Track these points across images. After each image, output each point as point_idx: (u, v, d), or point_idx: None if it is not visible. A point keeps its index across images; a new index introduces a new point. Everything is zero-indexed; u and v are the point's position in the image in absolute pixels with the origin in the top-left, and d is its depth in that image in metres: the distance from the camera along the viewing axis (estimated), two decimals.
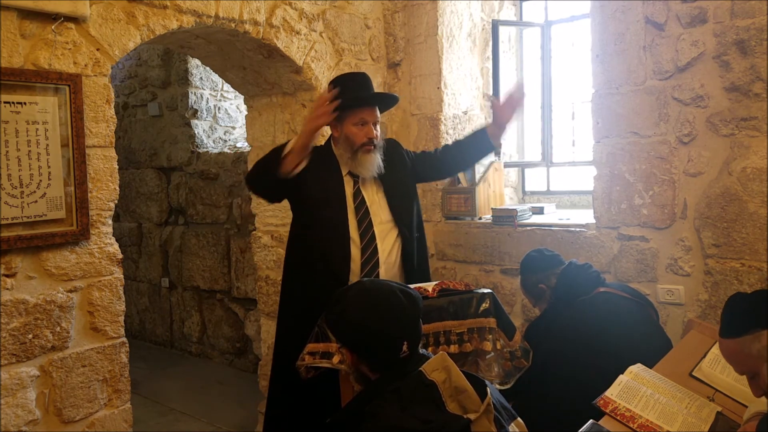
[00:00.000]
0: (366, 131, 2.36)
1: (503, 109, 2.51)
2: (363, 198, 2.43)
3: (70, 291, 2.16)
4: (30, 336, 2.05)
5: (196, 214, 4.91)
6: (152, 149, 5.25)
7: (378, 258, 2.39)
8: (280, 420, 2.47)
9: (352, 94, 2.37)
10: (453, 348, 2.14)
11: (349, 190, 2.43)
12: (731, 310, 1.55)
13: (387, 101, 2.61)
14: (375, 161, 2.39)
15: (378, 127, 2.41)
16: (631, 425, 1.67)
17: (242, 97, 3.58)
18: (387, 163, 2.46)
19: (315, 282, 2.35)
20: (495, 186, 3.58)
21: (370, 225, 2.40)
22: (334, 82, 2.47)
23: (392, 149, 2.56)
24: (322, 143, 2.55)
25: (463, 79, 3.64)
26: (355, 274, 2.35)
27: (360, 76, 2.51)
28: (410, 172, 2.58)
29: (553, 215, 3.44)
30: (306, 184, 2.38)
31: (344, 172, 2.43)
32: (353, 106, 2.36)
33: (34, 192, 2.05)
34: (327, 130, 2.54)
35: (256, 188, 2.53)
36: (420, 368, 1.49)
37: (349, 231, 2.37)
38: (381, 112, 2.50)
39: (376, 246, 2.39)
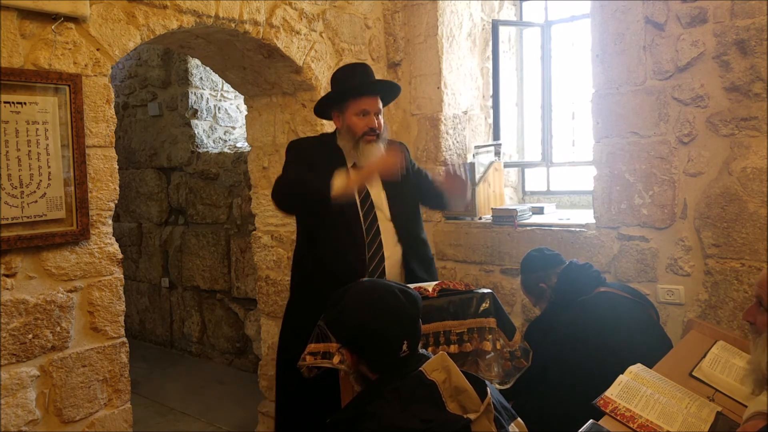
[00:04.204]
0: (367, 121, 2.34)
1: (448, 182, 2.45)
2: (367, 191, 2.41)
3: (70, 291, 2.16)
4: (30, 336, 2.05)
5: (196, 214, 4.91)
6: (152, 149, 5.25)
7: (383, 253, 2.38)
8: (290, 419, 2.47)
9: (353, 83, 2.36)
10: (453, 348, 2.14)
11: None
12: None
13: (388, 90, 2.53)
14: (378, 151, 2.36)
15: (381, 117, 2.39)
16: (631, 425, 1.67)
17: (242, 97, 3.58)
18: None
19: (323, 278, 2.34)
20: (495, 186, 3.58)
21: (375, 220, 2.39)
22: (335, 74, 2.47)
23: (398, 150, 2.54)
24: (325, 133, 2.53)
25: (463, 79, 3.64)
26: (360, 271, 2.32)
27: (361, 66, 2.49)
28: (411, 180, 2.56)
29: (553, 215, 3.45)
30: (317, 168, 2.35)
31: (349, 164, 2.41)
32: (354, 95, 2.35)
33: (34, 192, 2.05)
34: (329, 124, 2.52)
35: (286, 207, 2.43)
36: (420, 368, 1.48)
37: (360, 224, 2.36)
38: (384, 104, 2.47)
39: (381, 242, 2.38)
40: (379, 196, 2.44)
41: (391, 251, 2.42)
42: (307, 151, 2.44)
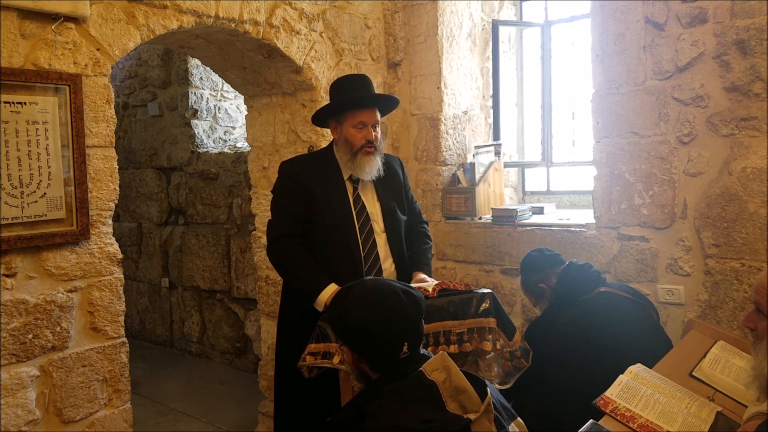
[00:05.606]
0: (365, 133, 2.33)
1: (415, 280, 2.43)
2: (363, 204, 2.42)
3: (70, 291, 2.16)
4: (30, 336, 2.05)
5: (196, 214, 4.91)
6: (152, 149, 5.25)
7: (380, 265, 2.39)
8: (289, 419, 2.46)
9: (351, 95, 2.36)
10: (453, 348, 2.14)
11: (350, 195, 2.42)
12: None
13: (387, 103, 2.54)
14: (375, 164, 2.36)
15: (378, 129, 2.39)
16: (631, 425, 1.67)
17: (242, 97, 3.58)
18: (386, 175, 2.44)
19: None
20: (495, 186, 3.58)
21: (371, 232, 2.40)
22: (334, 84, 2.47)
23: (394, 164, 2.55)
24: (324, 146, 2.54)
25: (463, 79, 3.64)
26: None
27: (359, 78, 2.48)
28: (403, 192, 2.56)
29: (553, 215, 3.44)
30: (312, 193, 2.36)
31: (345, 176, 2.42)
32: (352, 108, 2.35)
33: (34, 192, 2.05)
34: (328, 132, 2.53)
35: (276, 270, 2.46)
36: (420, 368, 1.48)
37: (357, 238, 2.37)
38: (382, 115, 2.47)
39: (377, 254, 2.39)
40: (374, 207, 2.44)
41: (388, 264, 2.43)
42: (301, 177, 2.38)
